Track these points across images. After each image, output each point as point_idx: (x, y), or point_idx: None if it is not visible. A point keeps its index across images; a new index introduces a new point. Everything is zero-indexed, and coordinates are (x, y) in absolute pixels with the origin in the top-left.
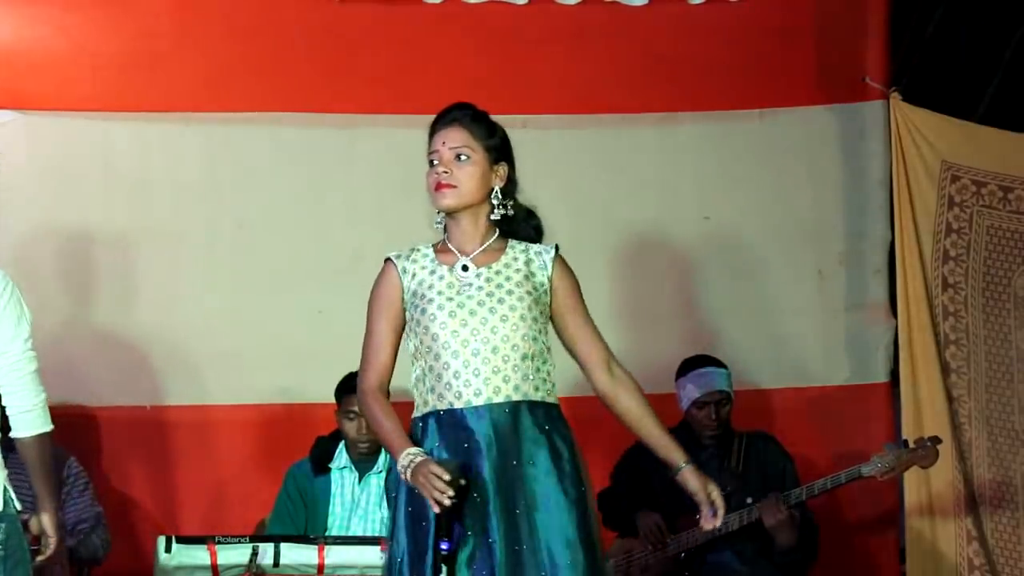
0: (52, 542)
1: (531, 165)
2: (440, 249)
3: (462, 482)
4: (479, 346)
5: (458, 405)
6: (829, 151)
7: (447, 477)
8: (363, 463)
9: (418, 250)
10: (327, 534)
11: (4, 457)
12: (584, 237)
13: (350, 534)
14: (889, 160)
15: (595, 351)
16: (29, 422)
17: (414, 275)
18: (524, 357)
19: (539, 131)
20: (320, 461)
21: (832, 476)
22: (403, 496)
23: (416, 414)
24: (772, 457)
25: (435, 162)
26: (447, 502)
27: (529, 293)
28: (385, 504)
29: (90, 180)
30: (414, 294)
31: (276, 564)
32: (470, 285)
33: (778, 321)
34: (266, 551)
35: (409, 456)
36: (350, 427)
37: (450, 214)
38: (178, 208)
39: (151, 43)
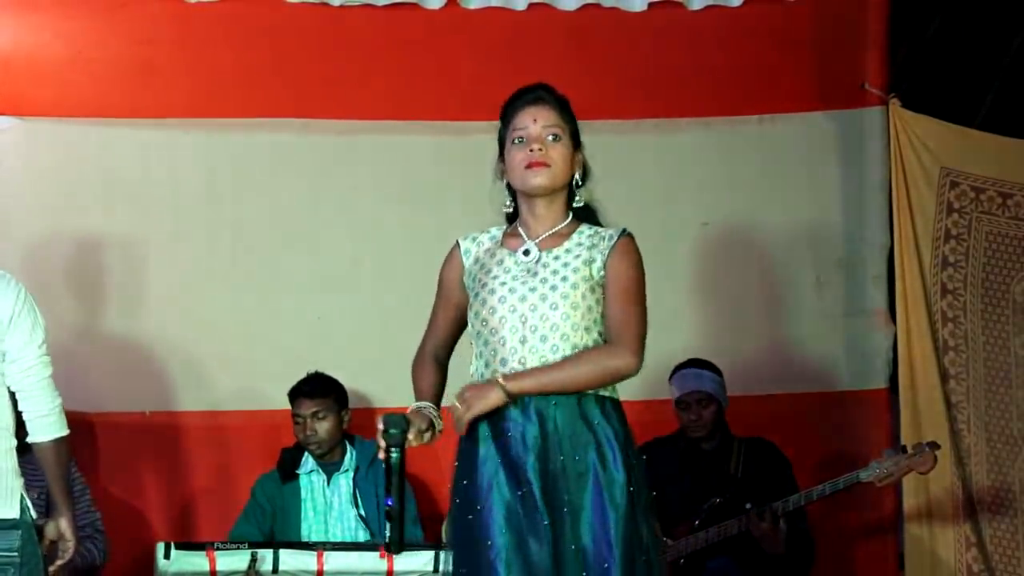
0: (70, 546)
1: None
2: (509, 233)
3: (399, 433)
4: (527, 334)
5: None
6: (828, 157)
7: (380, 427)
8: (330, 465)
9: (487, 232)
10: (309, 540)
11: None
12: None
13: (332, 538)
14: (888, 166)
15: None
16: (47, 427)
17: (477, 258)
18: (575, 348)
19: None
20: (287, 469)
21: (830, 482)
22: (454, 492)
23: None
24: (771, 463)
25: (522, 140)
26: (381, 455)
27: (585, 279)
28: (357, 503)
29: (89, 186)
30: (474, 278)
31: (275, 570)
32: (526, 271)
33: (777, 327)
34: (265, 557)
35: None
36: (297, 431)
37: (528, 198)
38: (177, 214)
39: (150, 50)
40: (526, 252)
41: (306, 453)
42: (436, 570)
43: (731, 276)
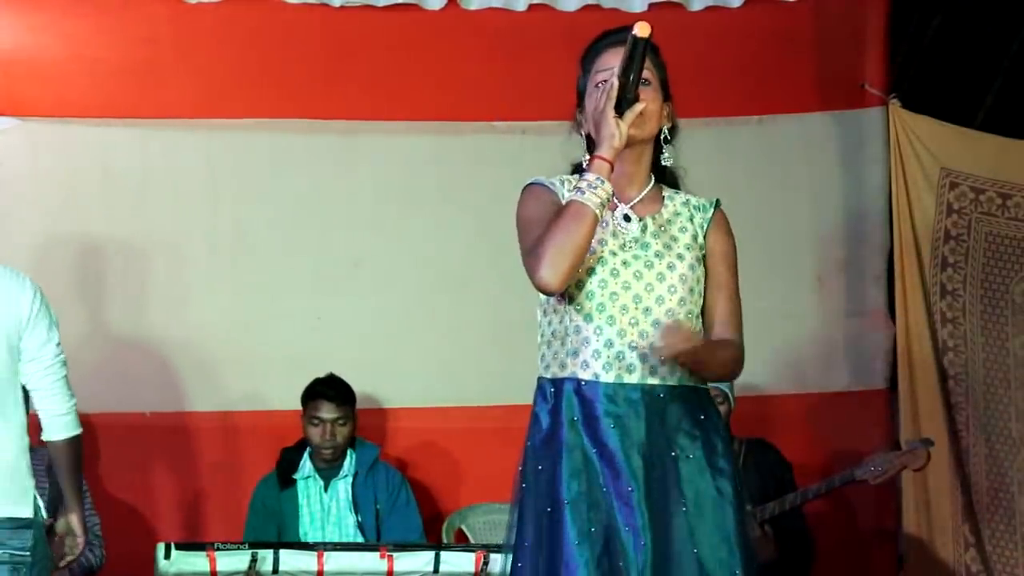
0: (80, 542)
1: (531, 172)
2: None
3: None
4: (638, 316)
5: (605, 379)
6: (828, 158)
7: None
8: (328, 470)
9: (569, 181)
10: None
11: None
12: None
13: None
14: (888, 167)
15: (715, 328)
16: (63, 426)
17: None
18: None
19: (539, 138)
20: (285, 473)
21: (826, 480)
22: (525, 500)
23: (548, 375)
24: (771, 464)
25: (607, 83)
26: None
27: (698, 261)
28: (354, 509)
29: (90, 187)
30: None
31: (275, 571)
32: (636, 241)
33: (777, 327)
34: (265, 557)
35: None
36: (314, 433)
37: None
38: (178, 215)
39: (151, 50)
40: (626, 218)
41: (305, 455)
42: (436, 570)
43: None
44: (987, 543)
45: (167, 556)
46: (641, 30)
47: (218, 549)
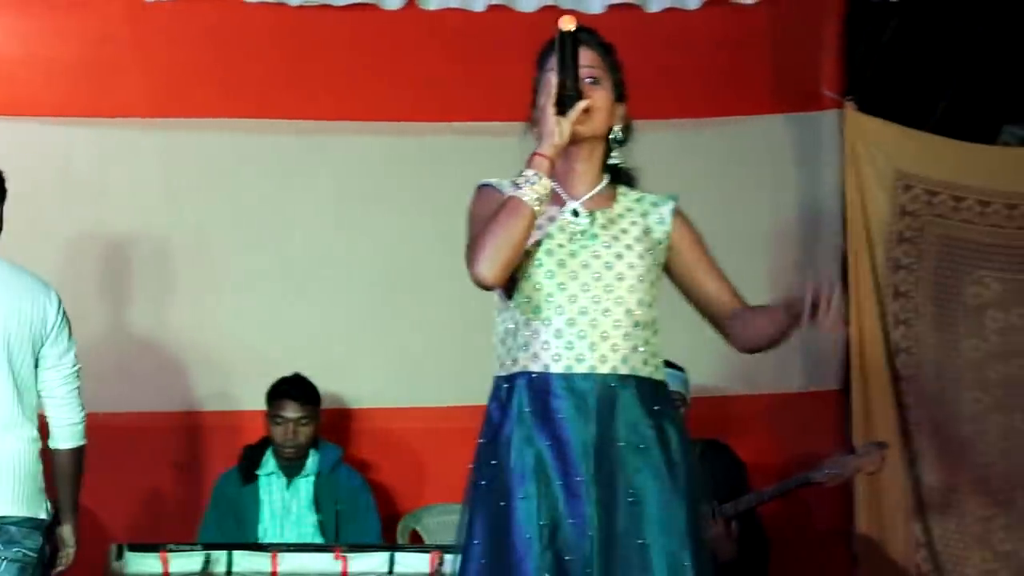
0: (71, 553)
1: (490, 172)
2: None
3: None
4: (588, 304)
5: (555, 369)
6: (784, 160)
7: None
8: (291, 468)
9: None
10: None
11: None
12: None
13: (288, 541)
14: (844, 169)
15: (731, 304)
16: (72, 435)
17: None
18: (636, 324)
19: (497, 138)
20: (248, 470)
21: (781, 483)
22: (478, 506)
23: (502, 372)
24: (724, 465)
25: None
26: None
27: (649, 251)
28: (315, 508)
29: (48, 186)
30: None
31: (229, 572)
32: (584, 232)
33: None
34: (219, 559)
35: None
36: (277, 431)
37: (563, 149)
38: (136, 215)
39: (108, 48)
40: (575, 213)
41: (267, 453)
42: (391, 571)
43: None
44: (938, 543)
45: (119, 557)
46: (565, 23)
47: (171, 550)
